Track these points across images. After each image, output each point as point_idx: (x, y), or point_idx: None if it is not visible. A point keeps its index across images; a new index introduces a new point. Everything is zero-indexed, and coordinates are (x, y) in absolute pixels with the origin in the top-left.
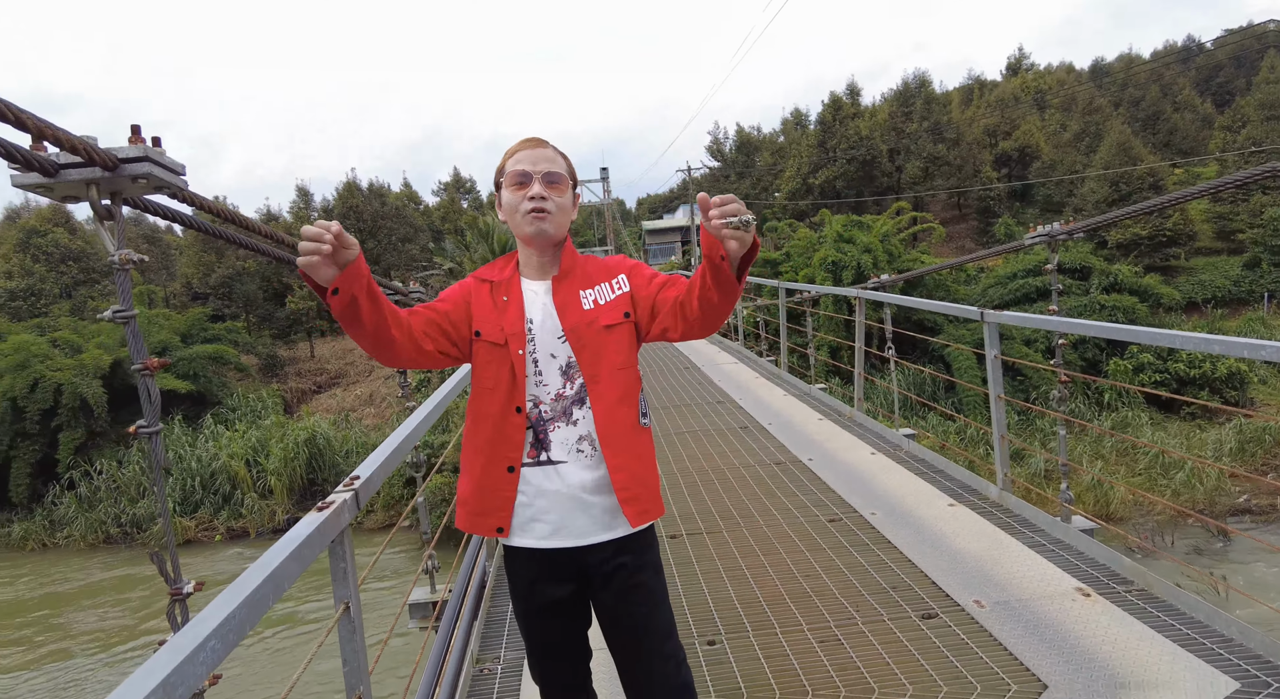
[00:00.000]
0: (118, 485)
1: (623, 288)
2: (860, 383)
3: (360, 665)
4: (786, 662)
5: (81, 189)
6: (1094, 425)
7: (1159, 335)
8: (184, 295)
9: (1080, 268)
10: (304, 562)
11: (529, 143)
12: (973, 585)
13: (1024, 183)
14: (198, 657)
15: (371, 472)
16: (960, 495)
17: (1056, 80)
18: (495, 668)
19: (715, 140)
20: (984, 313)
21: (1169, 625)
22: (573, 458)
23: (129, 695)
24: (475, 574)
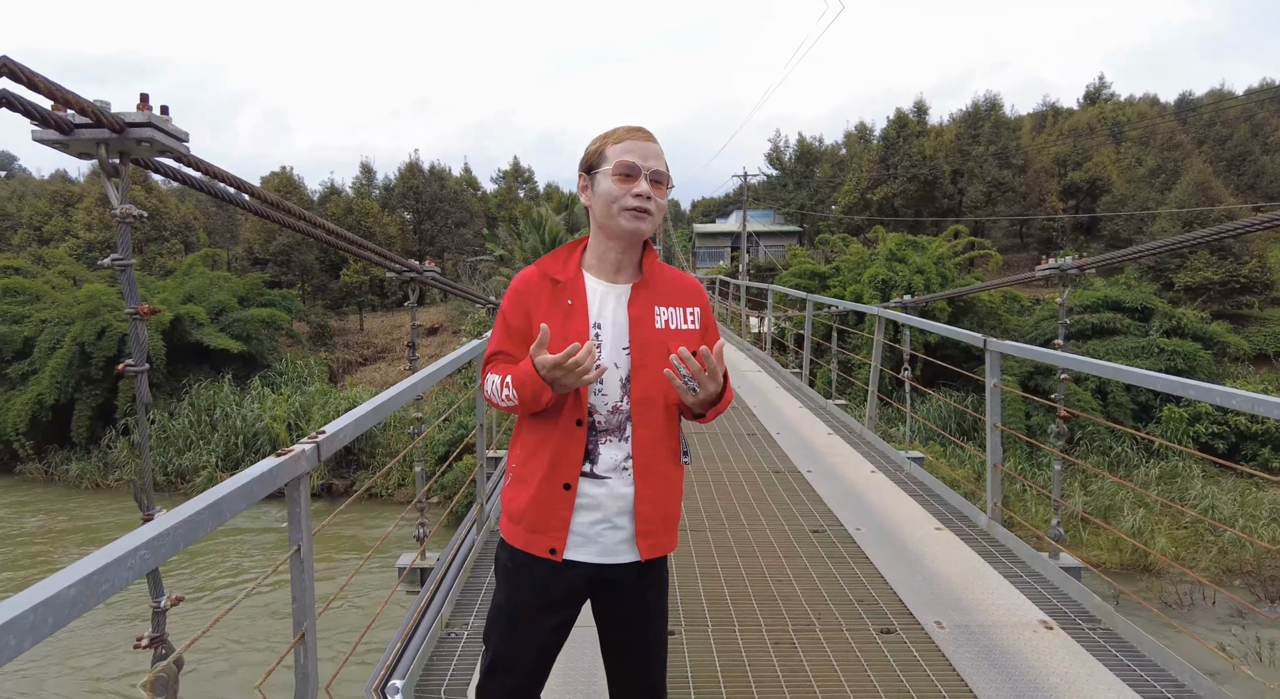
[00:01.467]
0: (167, 436)
1: (694, 323)
2: (873, 401)
3: (308, 603)
4: (738, 658)
5: (92, 147)
6: (1094, 467)
7: (1168, 382)
8: (245, 259)
9: (1142, 308)
10: (251, 498)
11: (638, 133)
12: (937, 607)
13: (1091, 215)
14: (126, 561)
15: (338, 428)
16: (949, 521)
17: (1137, 112)
18: (462, 632)
19: (775, 148)
20: (987, 340)
21: (1123, 666)
22: (616, 476)
23: (55, 585)
24: (463, 545)
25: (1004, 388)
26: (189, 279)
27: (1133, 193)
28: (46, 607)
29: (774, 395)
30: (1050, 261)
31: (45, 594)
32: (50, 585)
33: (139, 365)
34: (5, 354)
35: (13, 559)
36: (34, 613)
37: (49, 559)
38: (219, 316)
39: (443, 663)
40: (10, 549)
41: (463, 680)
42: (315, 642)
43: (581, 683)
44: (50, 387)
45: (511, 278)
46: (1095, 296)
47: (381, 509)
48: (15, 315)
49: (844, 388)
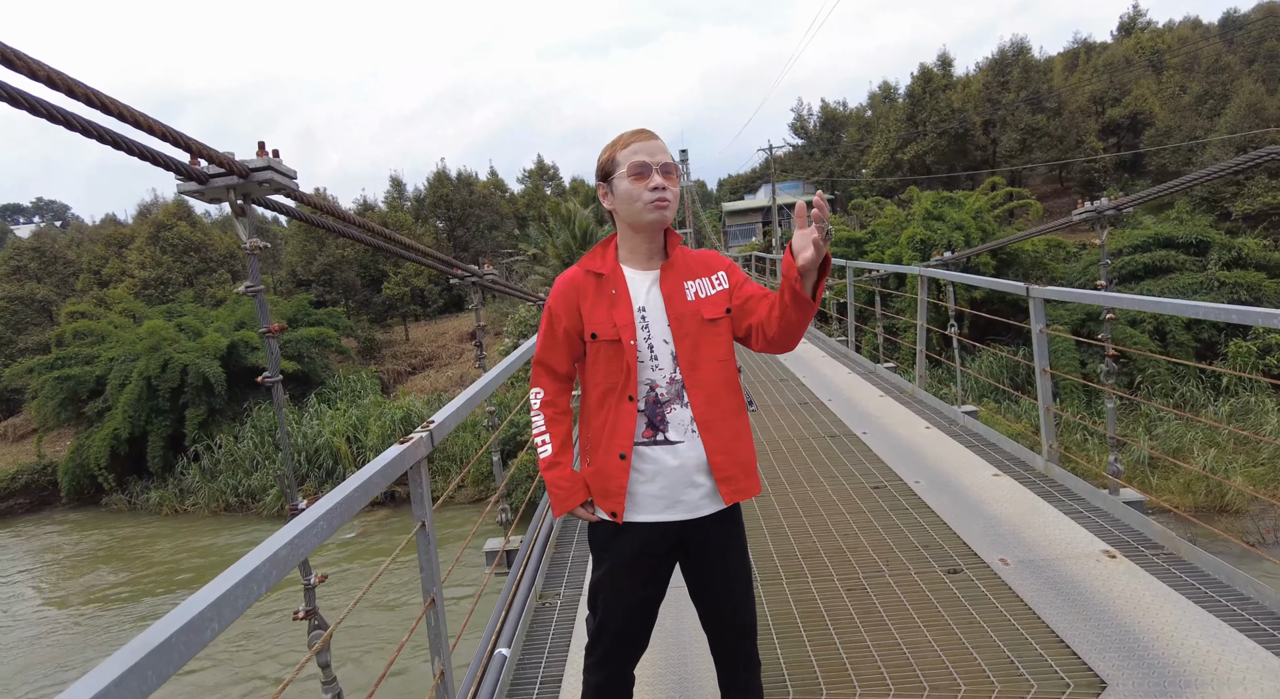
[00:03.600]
0: (234, 459)
1: (722, 284)
2: (922, 360)
3: (434, 572)
4: (814, 606)
5: (223, 193)
6: (1159, 404)
7: (1219, 311)
8: (289, 282)
9: (1197, 242)
10: (388, 478)
11: (642, 135)
12: (1001, 545)
13: (1135, 152)
14: (310, 532)
15: (445, 417)
16: (1006, 466)
17: (1177, 38)
18: (555, 602)
19: (799, 117)
20: (1029, 288)
21: (1188, 584)
22: (688, 438)
23: (262, 554)
24: (544, 525)
25: (1054, 333)
26: (239, 306)
27: (1178, 123)
28: (217, 605)
29: (821, 364)
30: (1087, 204)
31: (215, 594)
32: (218, 586)
33: (274, 376)
34: (81, 394)
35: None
36: (207, 612)
37: (172, 577)
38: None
39: (541, 630)
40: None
41: (561, 645)
42: (443, 605)
43: (671, 639)
44: (124, 421)
45: (546, 275)
46: (1144, 235)
47: (442, 510)
48: (86, 356)
49: (891, 351)
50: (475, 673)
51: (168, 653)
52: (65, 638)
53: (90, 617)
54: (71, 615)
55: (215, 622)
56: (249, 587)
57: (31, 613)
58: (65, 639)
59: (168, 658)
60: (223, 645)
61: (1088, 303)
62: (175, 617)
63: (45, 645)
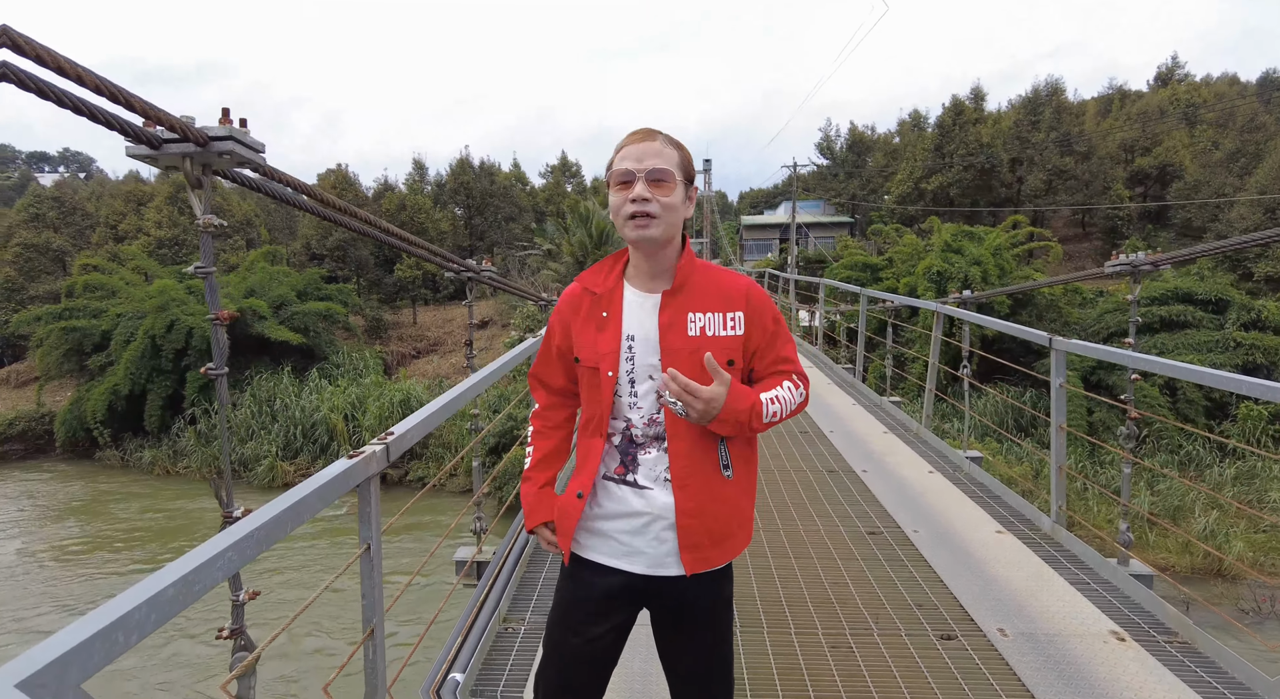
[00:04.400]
0: (230, 426)
1: (736, 328)
2: (930, 399)
3: (376, 601)
4: (794, 661)
5: (179, 161)
6: (1162, 469)
7: (1249, 385)
8: (303, 255)
9: (1216, 300)
10: (326, 499)
11: (637, 136)
12: (1000, 613)
13: (1160, 203)
14: (215, 562)
15: (407, 429)
16: (1011, 524)
17: (1214, 93)
18: (519, 627)
19: (826, 137)
20: (1053, 339)
21: (1204, 682)
22: (658, 486)
23: (173, 573)
24: (517, 541)
25: (1071, 388)
26: (250, 274)
27: (1208, 178)
28: (149, 605)
29: (826, 393)
30: (1121, 256)
31: (148, 593)
32: (151, 585)
33: (219, 368)
34: (86, 347)
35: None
36: (139, 611)
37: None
38: (279, 310)
39: (501, 657)
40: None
41: (520, 675)
42: (384, 638)
43: (637, 683)
44: (125, 377)
45: (559, 271)
46: (1164, 288)
47: (434, 497)
48: (94, 310)
49: (897, 383)
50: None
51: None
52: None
53: (44, 567)
54: (25, 563)
55: (110, 649)
56: (155, 609)
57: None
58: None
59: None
60: (147, 660)
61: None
62: (62, 639)
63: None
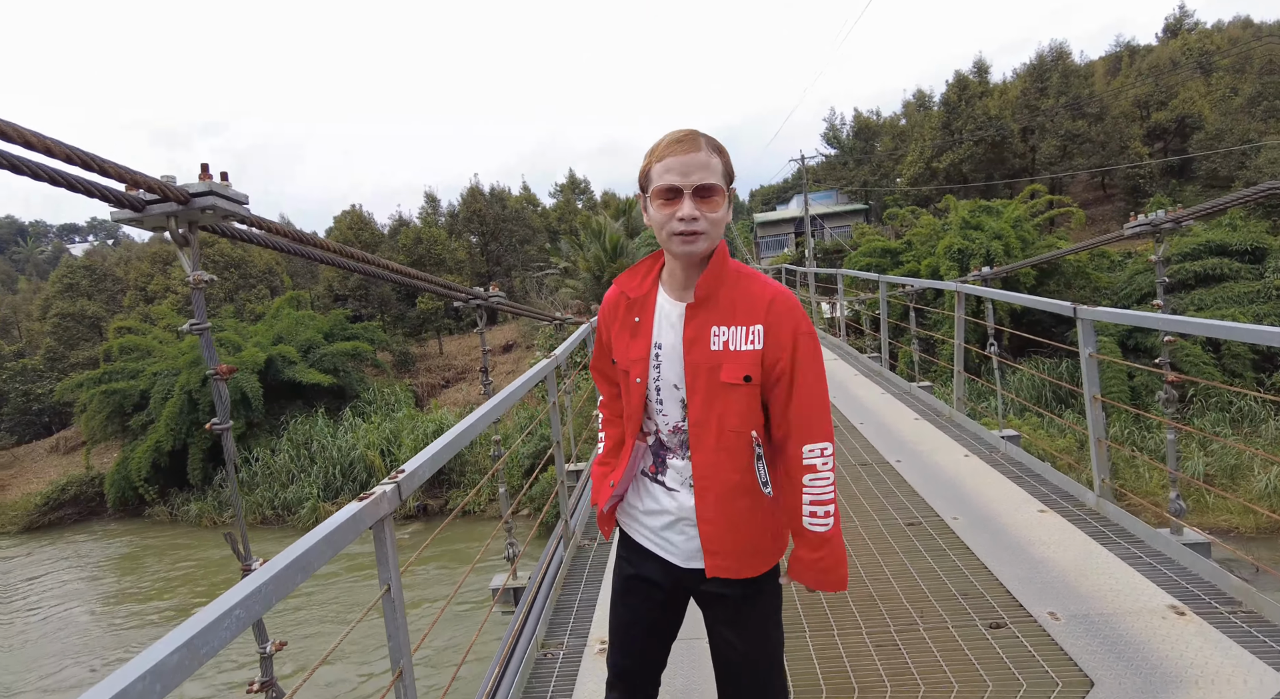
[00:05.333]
0: (271, 472)
1: (756, 343)
2: (960, 381)
3: (402, 642)
4: (839, 664)
5: (164, 221)
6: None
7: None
8: (327, 297)
9: (1253, 249)
10: (337, 545)
11: (679, 145)
12: (1050, 596)
13: (1182, 157)
14: (223, 622)
15: (417, 466)
16: (1054, 502)
17: (1227, 38)
18: (558, 653)
19: (832, 126)
20: (1077, 309)
21: (1275, 653)
22: (684, 490)
23: (158, 653)
24: (552, 563)
25: (1101, 356)
26: (277, 321)
27: (1230, 126)
28: (153, 674)
29: (853, 383)
30: (1140, 217)
31: (150, 662)
32: (154, 654)
33: (223, 423)
34: (126, 407)
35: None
36: (142, 682)
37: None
38: (308, 353)
39: (541, 685)
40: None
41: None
42: (413, 679)
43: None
44: (166, 434)
45: (577, 288)
46: (1195, 242)
47: (473, 524)
48: (131, 371)
49: (926, 368)
50: None
51: None
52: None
53: (96, 619)
54: (84, 616)
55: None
56: (160, 678)
57: (49, 612)
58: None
59: None
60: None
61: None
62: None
63: (54, 641)
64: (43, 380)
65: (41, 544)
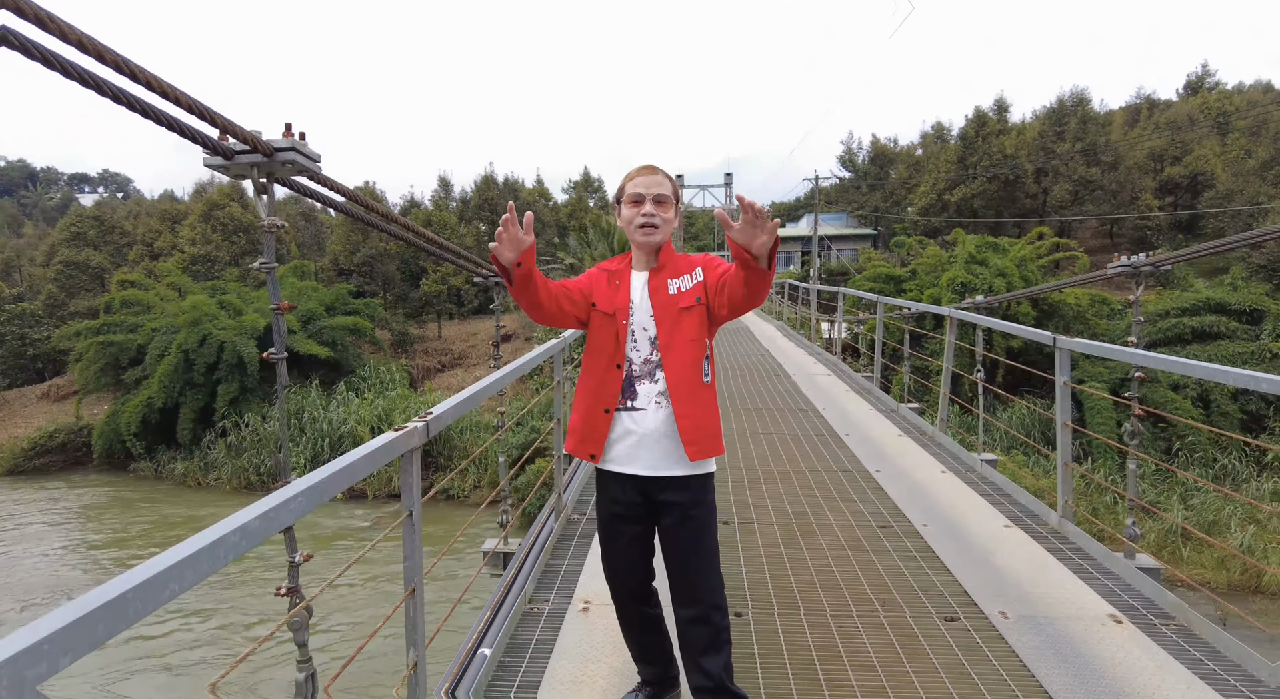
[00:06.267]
0: (260, 438)
1: (698, 278)
2: (945, 403)
3: (417, 563)
4: (803, 639)
5: (247, 170)
6: (1197, 477)
7: (1246, 378)
8: (331, 271)
9: (1251, 311)
10: (376, 463)
11: (645, 170)
12: (1003, 598)
13: (1191, 213)
14: (288, 505)
15: (446, 409)
16: (1019, 519)
17: (1247, 101)
18: (543, 608)
19: (848, 150)
20: (1056, 339)
21: (1195, 659)
22: (651, 407)
23: (236, 521)
24: (543, 532)
25: (1085, 389)
26: (280, 289)
27: (1241, 187)
28: (240, 531)
29: (844, 398)
30: (1123, 258)
31: (241, 521)
32: (241, 516)
33: (280, 353)
34: (122, 360)
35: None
36: (233, 535)
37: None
38: (308, 324)
39: (526, 634)
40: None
41: (544, 650)
42: (423, 596)
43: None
44: (159, 390)
45: None
46: (1195, 299)
47: (459, 509)
48: (130, 325)
49: (920, 394)
50: (453, 669)
51: (121, 608)
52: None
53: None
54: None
55: (175, 583)
56: (215, 553)
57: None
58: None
59: (120, 613)
60: (202, 612)
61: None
62: (133, 575)
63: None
64: (40, 326)
65: (19, 487)
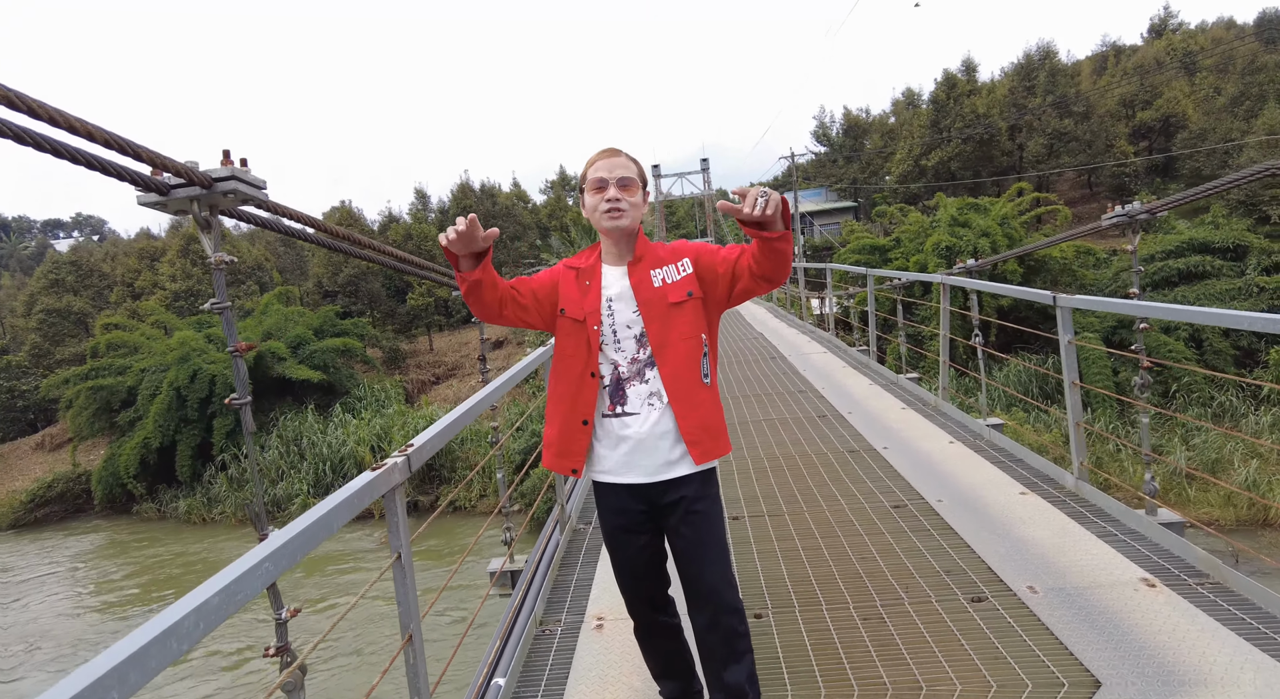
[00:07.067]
0: (260, 468)
1: (687, 270)
2: (945, 371)
3: (412, 606)
4: (828, 636)
5: (187, 204)
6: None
7: (1257, 320)
8: (316, 294)
9: (1234, 247)
10: (353, 509)
11: (605, 153)
12: (1029, 572)
13: (1167, 155)
14: (255, 572)
15: (426, 440)
16: (1034, 484)
17: (1211, 39)
18: (556, 629)
19: (821, 124)
20: (1056, 297)
21: (1239, 620)
22: (644, 410)
23: (191, 602)
24: (549, 547)
25: (1084, 344)
26: (266, 317)
27: (1213, 125)
28: (197, 613)
29: (842, 375)
30: (1117, 208)
31: (195, 602)
32: (198, 595)
33: (242, 398)
34: (114, 404)
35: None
36: (188, 619)
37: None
38: (297, 350)
39: (540, 659)
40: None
41: (560, 675)
42: (422, 642)
43: None
44: (154, 430)
45: None
46: (1179, 240)
47: (466, 520)
48: (118, 367)
49: (916, 361)
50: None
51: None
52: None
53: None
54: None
55: (115, 692)
56: (166, 645)
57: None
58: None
59: None
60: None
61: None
62: (62, 689)
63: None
64: (28, 377)
65: (24, 542)
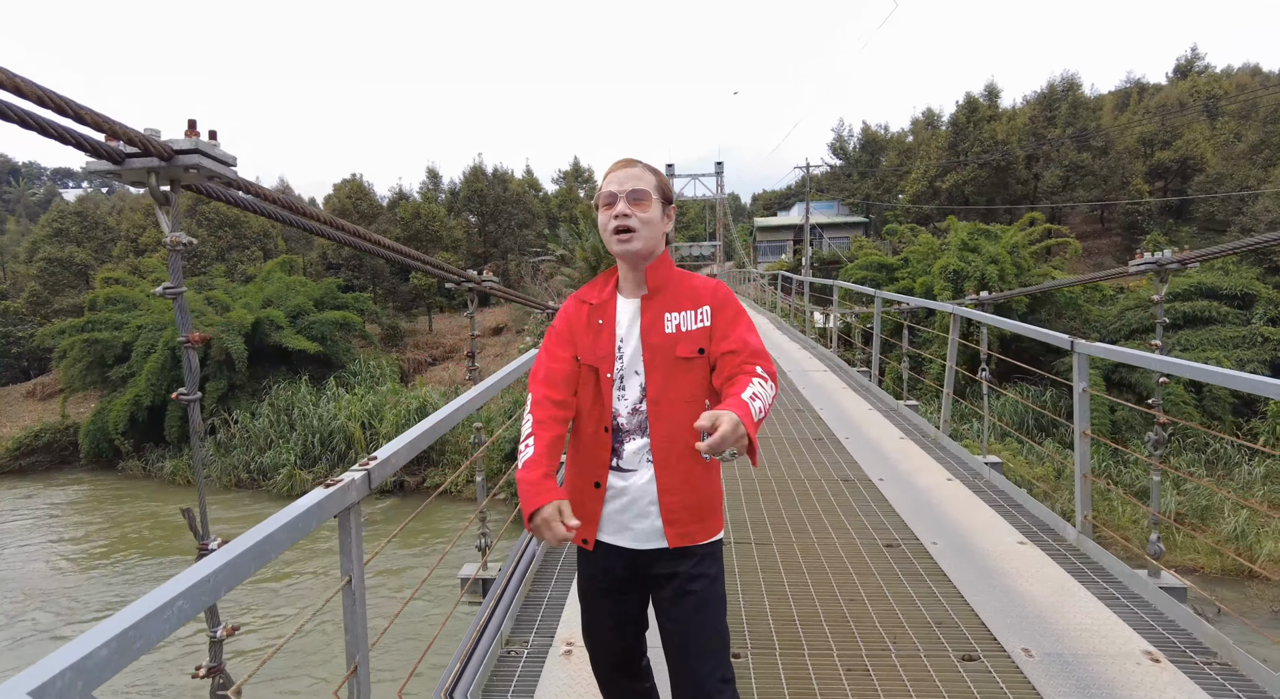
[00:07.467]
0: (250, 435)
1: (704, 321)
2: (948, 404)
3: (360, 635)
4: (808, 685)
5: (143, 175)
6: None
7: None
8: (320, 265)
9: (1242, 294)
10: (298, 533)
11: (620, 164)
12: (1025, 632)
13: (1182, 198)
14: (162, 614)
15: (390, 454)
16: (1034, 534)
17: (1235, 84)
18: (522, 651)
19: (839, 137)
20: (1074, 342)
21: None
22: (641, 467)
23: (85, 646)
24: (524, 557)
25: (1094, 392)
26: (267, 284)
27: (1230, 171)
28: (75, 671)
29: (841, 397)
30: (1147, 255)
31: (75, 656)
32: (81, 646)
33: (191, 393)
34: (108, 359)
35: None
36: (61, 678)
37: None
38: (296, 319)
39: (502, 683)
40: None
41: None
42: (368, 676)
43: None
44: (146, 388)
45: (572, 277)
46: (1187, 283)
47: (450, 504)
48: (116, 322)
49: (913, 385)
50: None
51: None
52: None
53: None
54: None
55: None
56: (79, 678)
57: None
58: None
59: None
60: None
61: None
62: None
63: None
64: (24, 324)
65: (2, 489)
